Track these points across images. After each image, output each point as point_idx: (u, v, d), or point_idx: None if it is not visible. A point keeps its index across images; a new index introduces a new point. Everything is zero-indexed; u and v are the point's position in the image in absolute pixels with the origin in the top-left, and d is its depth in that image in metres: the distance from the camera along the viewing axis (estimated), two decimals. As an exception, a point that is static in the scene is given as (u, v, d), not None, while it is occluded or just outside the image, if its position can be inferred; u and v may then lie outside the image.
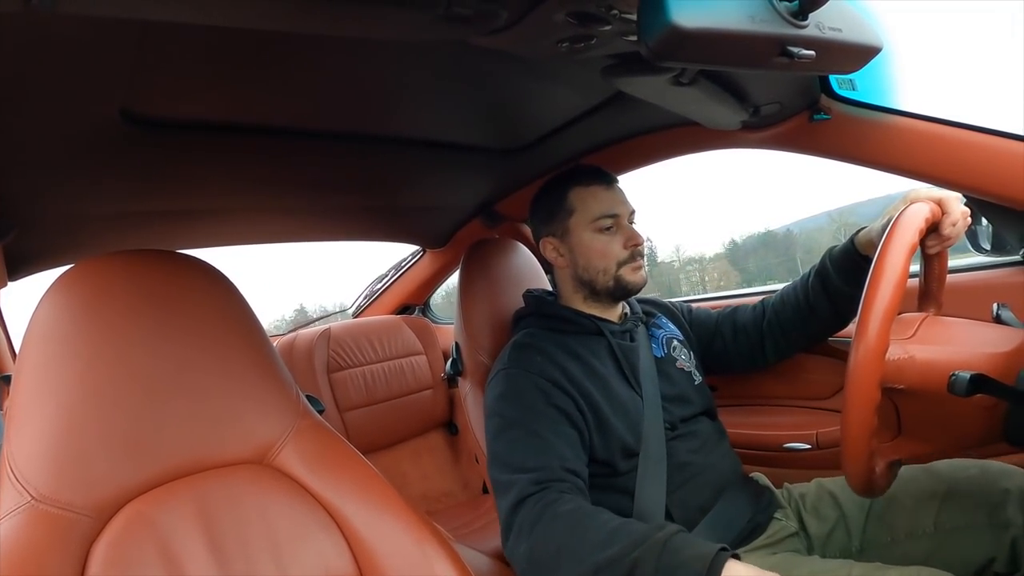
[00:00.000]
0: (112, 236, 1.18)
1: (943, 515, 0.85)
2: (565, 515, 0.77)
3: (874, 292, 0.69)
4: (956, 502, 0.84)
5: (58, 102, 0.70)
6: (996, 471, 0.84)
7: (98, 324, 0.58)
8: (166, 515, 0.57)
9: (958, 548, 0.83)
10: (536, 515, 0.78)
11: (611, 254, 1.01)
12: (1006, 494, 0.80)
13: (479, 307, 1.21)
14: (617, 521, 0.75)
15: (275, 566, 0.59)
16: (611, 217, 1.02)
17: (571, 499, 0.79)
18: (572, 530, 0.75)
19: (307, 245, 1.68)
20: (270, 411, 0.66)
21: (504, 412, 0.92)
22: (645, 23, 0.49)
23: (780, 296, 1.10)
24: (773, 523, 0.93)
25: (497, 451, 0.89)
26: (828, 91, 0.96)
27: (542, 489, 0.81)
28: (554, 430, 0.88)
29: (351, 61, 0.76)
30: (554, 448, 0.86)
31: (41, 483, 0.53)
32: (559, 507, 0.78)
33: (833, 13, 0.58)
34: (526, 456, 0.85)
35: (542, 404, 0.90)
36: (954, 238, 0.83)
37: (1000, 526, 0.80)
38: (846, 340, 0.98)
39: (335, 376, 1.75)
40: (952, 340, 0.73)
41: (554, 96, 1.01)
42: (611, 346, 1.00)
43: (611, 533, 0.73)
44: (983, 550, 0.81)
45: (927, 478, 0.88)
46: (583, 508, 0.78)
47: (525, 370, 0.94)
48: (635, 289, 1.04)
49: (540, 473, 0.83)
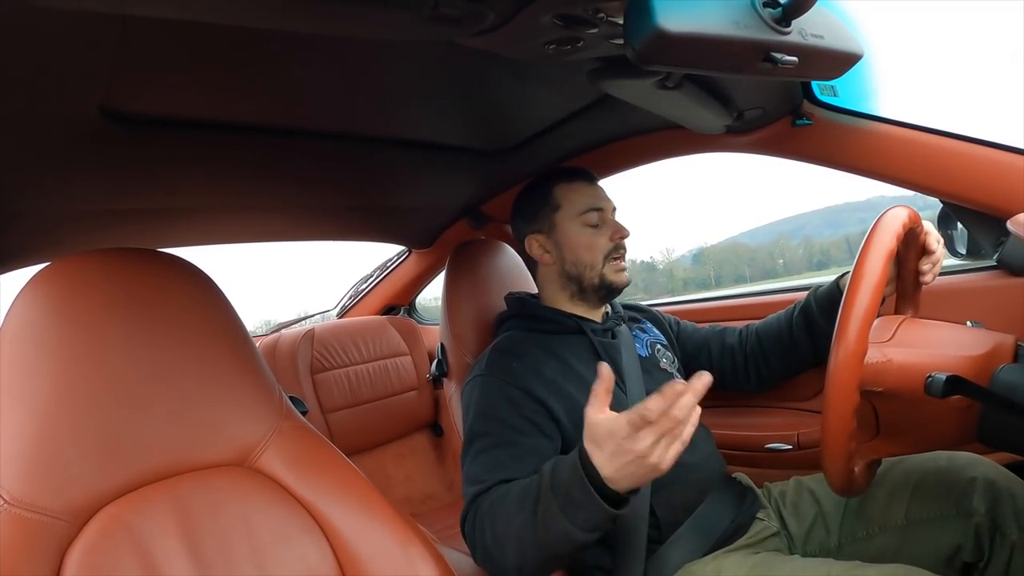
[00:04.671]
0: (90, 234, 1.16)
1: (913, 507, 0.87)
2: (487, 511, 0.80)
3: (853, 296, 0.70)
4: (925, 493, 0.87)
5: (34, 97, 0.68)
6: (963, 461, 0.86)
7: (75, 323, 0.57)
8: (144, 519, 0.56)
9: (929, 539, 0.85)
10: (472, 523, 0.82)
11: (598, 247, 1.03)
12: (972, 483, 0.83)
13: (465, 308, 1.21)
14: (517, 487, 0.78)
15: (256, 569, 0.58)
16: (597, 211, 1.04)
17: (489, 494, 0.82)
18: (495, 520, 0.78)
19: (274, 252, 1.67)
20: (252, 412, 0.66)
21: (473, 424, 0.93)
22: (631, 26, 0.50)
23: (765, 324, 1.12)
24: (755, 523, 0.94)
25: (467, 466, 0.91)
26: (810, 97, 0.98)
27: (478, 500, 0.83)
28: (516, 442, 0.88)
29: (337, 60, 0.76)
30: (503, 466, 0.86)
31: (14, 486, 0.52)
32: (483, 507, 0.81)
33: (816, 20, 0.59)
34: (480, 469, 0.87)
35: (511, 415, 0.90)
36: (941, 255, 0.86)
37: (965, 515, 0.82)
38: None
39: (319, 377, 1.73)
40: (929, 343, 0.75)
41: (541, 98, 1.02)
42: (592, 344, 1.01)
43: (518, 502, 0.76)
44: (950, 539, 0.83)
45: (899, 471, 0.90)
46: (497, 497, 0.80)
47: (499, 378, 0.94)
48: (618, 288, 1.05)
49: (481, 486, 0.84)
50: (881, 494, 0.90)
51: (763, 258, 7.79)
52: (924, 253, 0.86)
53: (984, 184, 0.88)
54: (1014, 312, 0.93)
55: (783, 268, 7.14)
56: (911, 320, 0.81)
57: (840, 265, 7.34)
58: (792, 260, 7.55)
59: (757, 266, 7.87)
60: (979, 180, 0.88)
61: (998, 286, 0.98)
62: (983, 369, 0.70)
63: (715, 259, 7.42)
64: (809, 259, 7.35)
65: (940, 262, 0.87)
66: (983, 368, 0.70)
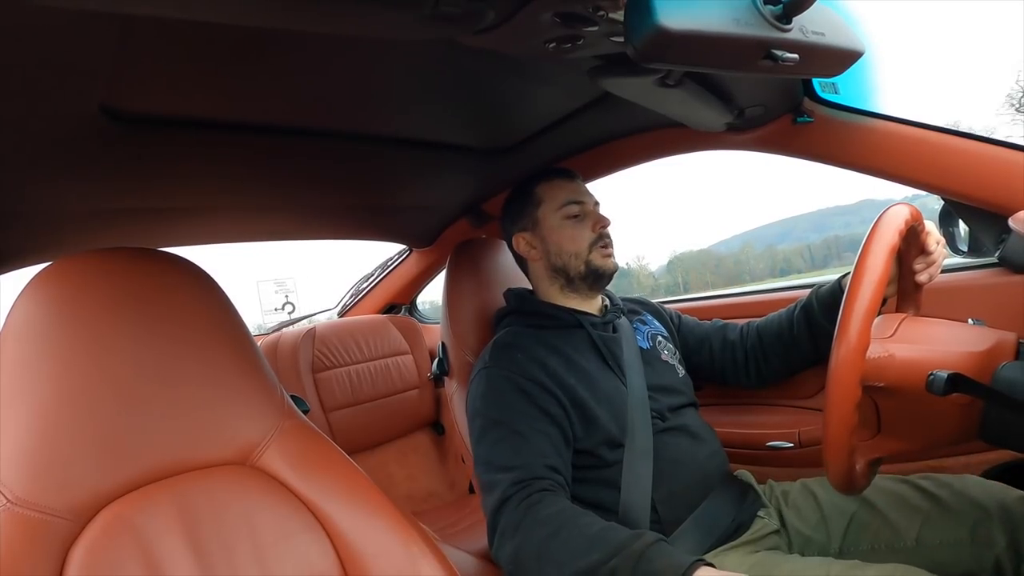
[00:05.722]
0: (91, 233, 1.16)
1: (926, 530, 0.85)
2: (546, 519, 0.77)
3: (855, 291, 0.70)
4: (939, 518, 0.85)
5: (35, 97, 0.68)
6: (976, 488, 0.85)
7: (76, 323, 0.57)
8: (146, 517, 0.56)
9: (938, 562, 0.83)
10: (519, 517, 0.79)
11: (580, 238, 1.05)
12: (986, 511, 0.81)
13: (465, 307, 1.21)
14: (598, 526, 0.75)
15: (259, 568, 0.58)
16: (577, 203, 1.06)
17: (552, 500, 0.80)
18: (554, 535, 0.75)
19: (274, 252, 1.67)
20: (254, 411, 0.66)
21: (486, 412, 0.93)
22: (631, 24, 0.50)
23: (767, 321, 1.13)
24: (756, 521, 0.94)
25: (480, 452, 0.90)
26: (811, 94, 0.97)
27: (523, 488, 0.82)
28: (535, 428, 0.88)
29: (337, 59, 0.76)
30: (535, 446, 0.86)
31: (17, 485, 0.52)
32: (540, 510, 0.78)
33: (816, 17, 0.59)
34: (508, 455, 0.86)
35: (523, 403, 0.91)
36: (939, 256, 0.86)
37: (983, 544, 0.81)
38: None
39: (320, 376, 1.73)
40: (931, 340, 0.74)
41: (541, 96, 1.02)
42: (591, 337, 1.01)
43: (591, 540, 0.73)
44: (963, 566, 0.82)
45: (911, 493, 0.89)
46: (565, 511, 0.78)
47: (506, 369, 0.94)
48: (606, 274, 1.06)
49: (520, 472, 0.83)
50: (892, 513, 0.89)
51: (728, 266, 8.06)
52: (922, 253, 0.86)
53: (985, 181, 0.87)
54: (1015, 309, 0.93)
55: (748, 275, 7.38)
56: (913, 317, 0.81)
57: (800, 272, 7.53)
58: (756, 268, 7.81)
59: (722, 273, 8.15)
60: (980, 177, 0.88)
61: (999, 283, 0.98)
62: (985, 366, 0.70)
63: (684, 266, 7.77)
64: (772, 267, 7.63)
65: (938, 263, 0.86)
66: (985, 365, 0.70)
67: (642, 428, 0.93)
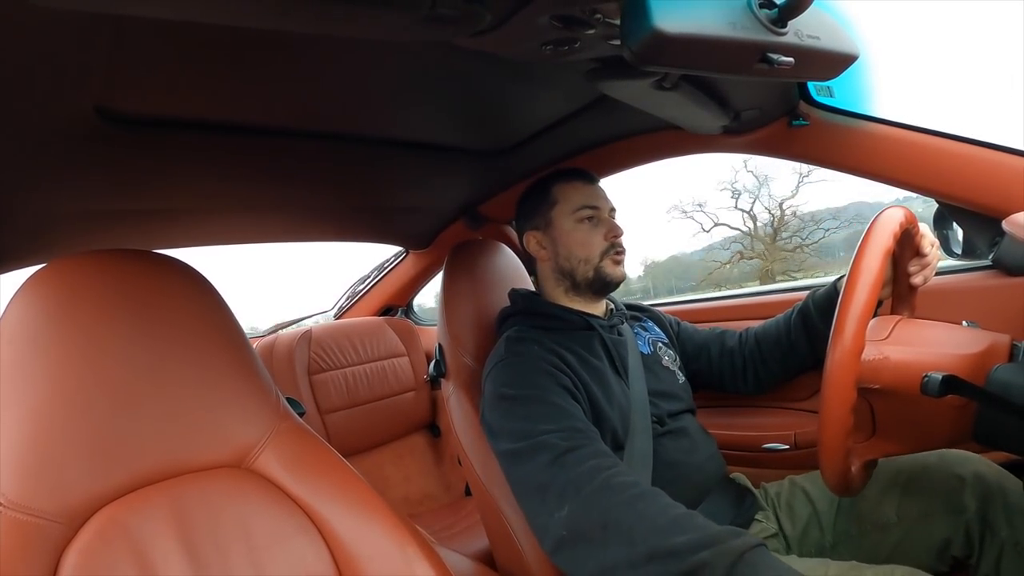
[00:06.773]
0: (86, 235, 1.16)
1: (904, 504, 0.88)
2: (620, 487, 0.69)
3: (850, 294, 0.70)
4: (916, 491, 0.87)
5: (30, 97, 0.68)
6: (952, 458, 0.87)
7: (71, 325, 0.57)
8: (140, 521, 0.56)
9: (920, 535, 0.85)
10: (584, 477, 0.71)
11: (592, 244, 1.03)
12: (962, 479, 0.83)
13: (462, 308, 1.20)
14: (681, 509, 0.67)
15: (253, 570, 0.58)
16: (592, 208, 1.04)
17: (628, 472, 0.73)
18: (628, 506, 0.67)
19: (269, 253, 1.67)
20: (249, 414, 0.65)
21: (514, 392, 0.87)
22: (628, 27, 0.50)
23: (764, 327, 1.13)
24: (754, 524, 0.95)
25: (511, 426, 0.83)
26: (807, 97, 0.98)
27: (579, 444, 0.76)
28: (568, 401, 0.85)
29: (333, 61, 0.76)
30: (575, 412, 0.83)
31: (10, 489, 0.52)
32: (615, 477, 0.71)
33: (811, 21, 0.60)
34: (551, 416, 0.81)
35: (551, 382, 0.87)
36: (933, 259, 0.86)
37: (955, 511, 0.83)
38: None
39: (316, 378, 1.73)
40: (925, 342, 0.75)
41: (538, 99, 1.02)
42: (603, 339, 1.01)
43: (674, 521, 0.65)
44: (940, 534, 0.84)
45: (890, 469, 0.91)
46: (642, 485, 0.70)
47: (525, 356, 0.92)
48: (614, 282, 1.05)
49: (567, 432, 0.78)
50: (873, 492, 0.91)
51: (695, 271, 8.42)
52: (917, 255, 0.86)
53: (979, 184, 0.88)
54: (1009, 312, 0.93)
55: (711, 280, 7.77)
56: (907, 320, 0.81)
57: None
58: (719, 272, 8.15)
59: (687, 278, 8.48)
60: (974, 180, 0.88)
61: (993, 286, 0.98)
62: (979, 368, 0.70)
63: (655, 272, 8.14)
64: (740, 270, 7.99)
65: (932, 266, 0.86)
66: (979, 367, 0.70)
67: (642, 432, 0.93)
